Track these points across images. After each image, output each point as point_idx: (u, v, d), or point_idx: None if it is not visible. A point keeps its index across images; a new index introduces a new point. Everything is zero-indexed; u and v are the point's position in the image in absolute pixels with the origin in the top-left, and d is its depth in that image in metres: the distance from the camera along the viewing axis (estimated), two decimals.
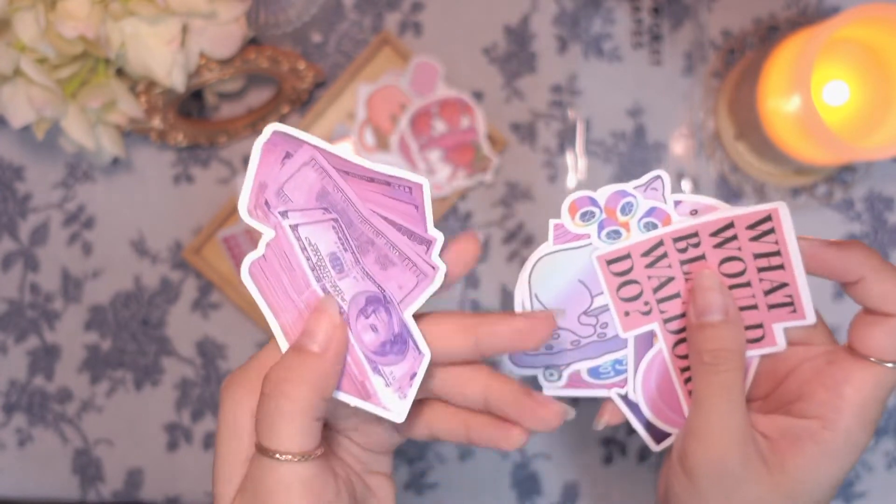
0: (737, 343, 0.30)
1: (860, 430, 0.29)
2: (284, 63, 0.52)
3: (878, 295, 0.29)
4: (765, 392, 0.32)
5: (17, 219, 0.56)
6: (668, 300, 0.31)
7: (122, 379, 0.56)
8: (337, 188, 0.27)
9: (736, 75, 0.54)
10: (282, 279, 0.28)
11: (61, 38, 0.46)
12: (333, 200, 0.27)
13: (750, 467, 0.29)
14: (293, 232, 0.28)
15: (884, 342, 0.29)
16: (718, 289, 0.30)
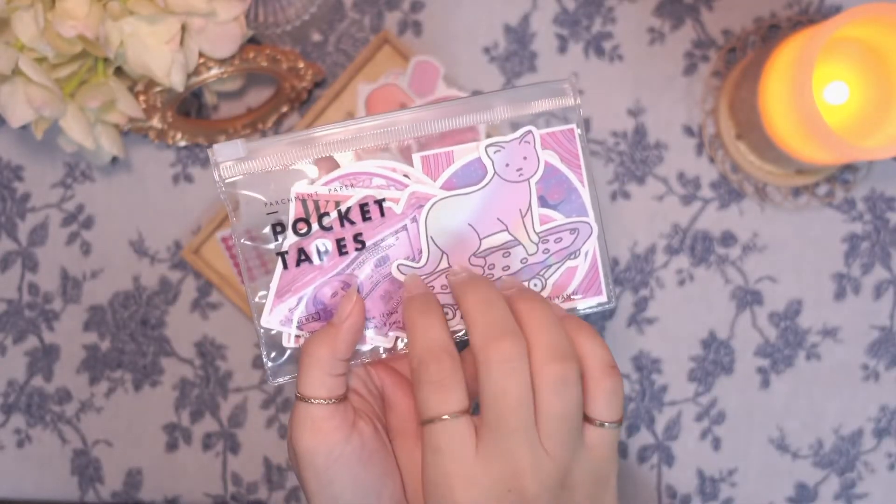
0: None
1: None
2: (284, 62, 0.52)
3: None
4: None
5: (16, 219, 0.56)
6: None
7: (120, 379, 0.56)
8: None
9: (737, 75, 0.54)
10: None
11: (60, 37, 0.46)
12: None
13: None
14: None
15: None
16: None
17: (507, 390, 0.29)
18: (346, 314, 0.33)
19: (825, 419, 0.55)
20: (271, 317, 0.34)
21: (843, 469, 0.55)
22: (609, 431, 0.32)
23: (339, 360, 0.33)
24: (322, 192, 0.33)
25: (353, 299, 0.33)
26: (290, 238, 0.33)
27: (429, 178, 0.33)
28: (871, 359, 0.55)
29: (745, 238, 0.55)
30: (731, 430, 0.55)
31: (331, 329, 0.33)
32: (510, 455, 0.29)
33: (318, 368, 0.32)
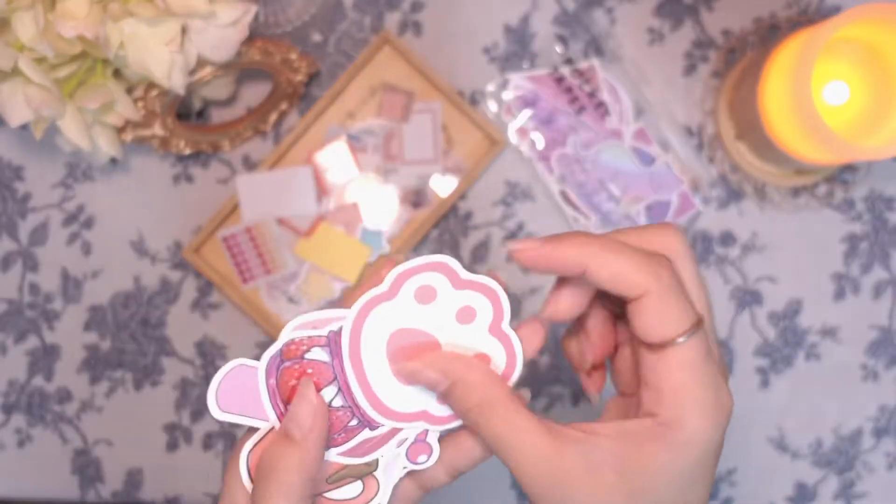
0: (491, 386, 0.29)
1: (701, 417, 0.28)
2: (276, 54, 0.52)
3: (609, 281, 0.28)
4: (633, 387, 0.32)
5: (17, 219, 0.56)
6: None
7: (121, 379, 0.56)
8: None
9: (736, 75, 0.54)
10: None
11: (60, 37, 0.46)
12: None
13: (571, 481, 0.28)
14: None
15: (651, 326, 0.28)
16: (436, 360, 0.29)
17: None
18: (309, 423, 0.29)
19: (824, 419, 0.55)
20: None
21: (843, 468, 0.55)
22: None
23: (312, 479, 0.29)
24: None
25: (312, 401, 0.29)
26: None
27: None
28: (870, 358, 0.55)
29: (745, 238, 0.55)
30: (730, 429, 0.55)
31: (294, 447, 0.28)
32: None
33: (285, 496, 0.28)
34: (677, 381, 0.27)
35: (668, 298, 0.27)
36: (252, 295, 0.55)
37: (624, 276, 0.27)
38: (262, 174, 0.54)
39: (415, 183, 0.55)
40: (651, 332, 0.28)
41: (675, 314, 0.27)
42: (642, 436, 0.28)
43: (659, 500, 0.28)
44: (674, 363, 0.27)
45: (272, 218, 0.54)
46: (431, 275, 0.30)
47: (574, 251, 0.28)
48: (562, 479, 0.28)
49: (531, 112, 0.55)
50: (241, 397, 0.30)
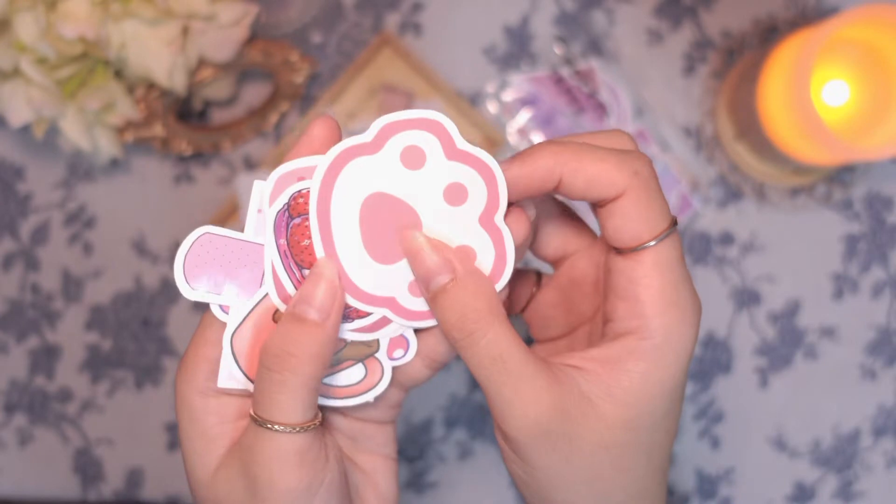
0: (480, 297, 0.26)
1: (678, 321, 0.26)
2: (277, 55, 0.52)
3: (584, 187, 0.25)
4: (564, 327, 0.30)
5: (18, 219, 0.57)
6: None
7: (122, 379, 0.56)
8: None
9: (735, 76, 0.54)
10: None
11: (61, 38, 0.46)
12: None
13: (572, 416, 0.26)
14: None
15: (627, 228, 0.26)
16: (427, 246, 0.26)
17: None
18: (329, 304, 0.26)
19: (823, 418, 0.56)
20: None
21: (841, 467, 0.56)
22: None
23: (326, 368, 0.26)
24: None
25: (332, 279, 0.26)
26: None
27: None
28: (869, 358, 0.55)
29: (744, 238, 0.55)
30: (729, 429, 0.56)
31: (313, 330, 0.25)
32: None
33: (302, 384, 0.25)
34: (654, 286, 0.26)
35: (647, 196, 0.26)
36: None
37: (602, 178, 0.25)
38: (262, 174, 0.54)
39: None
40: (626, 235, 0.26)
41: (651, 215, 0.26)
42: (628, 358, 0.26)
43: (654, 423, 0.26)
44: (649, 267, 0.26)
45: None
46: (423, 135, 0.25)
47: (547, 161, 0.25)
48: (563, 415, 0.26)
49: (531, 113, 0.55)
50: (219, 272, 0.26)
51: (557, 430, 0.25)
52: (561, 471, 0.26)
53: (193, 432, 0.27)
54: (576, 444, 0.26)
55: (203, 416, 0.27)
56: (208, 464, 0.27)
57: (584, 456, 0.26)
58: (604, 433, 0.26)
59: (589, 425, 0.26)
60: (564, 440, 0.26)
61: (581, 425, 0.26)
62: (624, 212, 0.25)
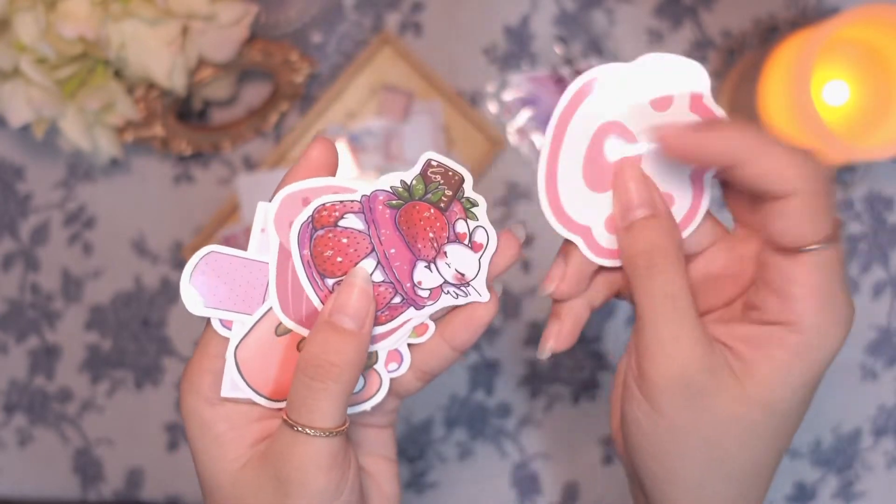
0: (669, 238, 0.27)
1: (830, 324, 0.26)
2: (277, 55, 0.52)
3: (765, 175, 0.26)
4: (711, 304, 0.30)
5: (18, 219, 0.57)
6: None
7: (122, 379, 0.56)
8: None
9: (736, 76, 0.54)
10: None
11: (61, 38, 0.46)
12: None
13: (716, 379, 0.26)
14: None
15: (794, 230, 0.26)
16: (639, 179, 0.28)
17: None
18: (364, 312, 0.27)
19: (823, 418, 0.55)
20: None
21: (842, 468, 0.56)
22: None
23: (359, 375, 0.27)
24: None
25: (366, 290, 0.27)
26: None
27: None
28: (869, 358, 0.55)
29: None
30: None
31: (351, 339, 0.26)
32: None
33: (343, 391, 0.26)
34: (812, 286, 0.26)
35: (814, 202, 0.25)
36: None
37: (777, 173, 0.25)
38: (262, 174, 0.54)
39: None
40: (791, 235, 0.26)
41: (820, 218, 0.26)
42: (775, 346, 0.26)
43: (787, 412, 0.27)
44: (810, 269, 0.26)
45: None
46: (681, 88, 0.27)
47: (730, 141, 0.26)
48: (711, 373, 0.26)
49: (531, 112, 0.55)
50: (225, 289, 0.27)
51: (700, 384, 0.26)
52: (687, 425, 0.27)
53: (205, 439, 0.28)
54: (711, 404, 0.26)
55: (213, 424, 0.28)
56: (225, 468, 0.28)
57: (715, 418, 0.26)
58: (739, 406, 0.26)
59: (729, 393, 0.26)
60: (703, 396, 0.26)
61: (722, 389, 0.26)
62: (794, 213, 0.26)
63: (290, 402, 0.27)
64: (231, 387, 0.28)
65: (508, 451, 0.55)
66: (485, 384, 0.55)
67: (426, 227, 0.28)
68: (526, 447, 0.55)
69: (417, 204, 0.28)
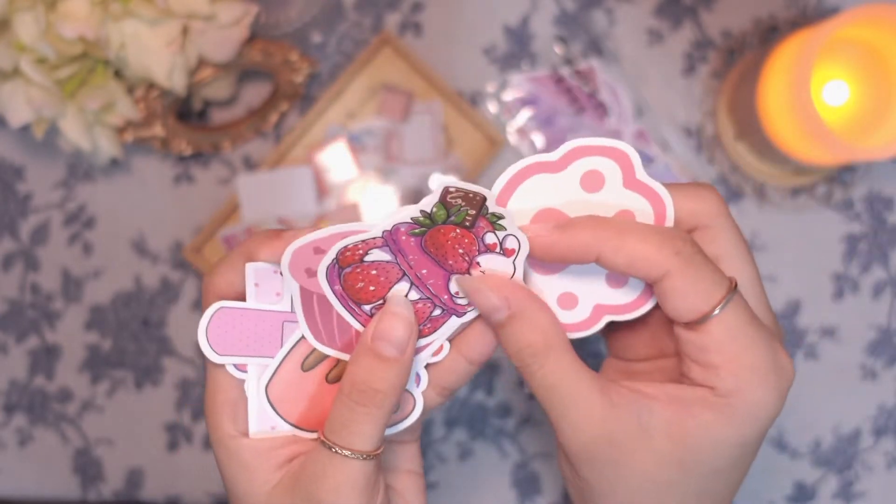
0: (536, 332, 0.27)
1: (755, 387, 0.26)
2: (277, 55, 0.52)
3: (625, 265, 0.26)
4: (644, 356, 0.30)
5: (18, 219, 0.57)
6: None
7: (122, 379, 0.56)
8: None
9: (736, 76, 0.54)
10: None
11: (61, 38, 0.46)
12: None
13: (621, 446, 0.26)
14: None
15: (683, 306, 0.26)
16: (486, 286, 0.27)
17: None
18: (405, 338, 0.27)
19: (823, 418, 0.55)
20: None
21: (842, 468, 0.56)
22: None
23: (400, 399, 0.28)
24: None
25: (405, 315, 0.28)
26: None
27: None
28: (870, 358, 0.55)
29: None
30: None
31: (393, 365, 0.27)
32: None
33: (385, 416, 0.27)
34: (729, 353, 0.26)
35: (692, 273, 0.25)
36: None
37: (641, 260, 0.26)
38: (262, 174, 0.54)
39: (415, 183, 0.55)
40: (683, 311, 0.26)
41: (704, 287, 0.25)
42: (698, 405, 0.26)
43: (713, 472, 0.27)
44: (718, 336, 0.26)
45: (273, 218, 0.55)
46: (607, 161, 0.27)
47: (586, 235, 0.26)
48: (612, 442, 0.26)
49: (531, 113, 0.55)
50: (238, 337, 0.29)
51: (604, 456, 0.27)
52: (604, 488, 0.27)
53: (233, 467, 0.29)
54: (622, 471, 0.27)
55: (239, 453, 0.29)
56: (255, 491, 0.29)
57: (628, 484, 0.27)
58: (652, 468, 0.26)
59: (639, 456, 0.26)
60: (610, 466, 0.27)
61: (630, 455, 0.26)
62: (675, 291, 0.26)
63: (330, 424, 0.27)
64: (260, 421, 0.29)
65: (508, 451, 0.55)
66: (485, 384, 0.55)
67: (455, 245, 0.28)
68: (526, 447, 0.55)
69: (442, 227, 0.28)
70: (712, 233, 0.27)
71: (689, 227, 0.28)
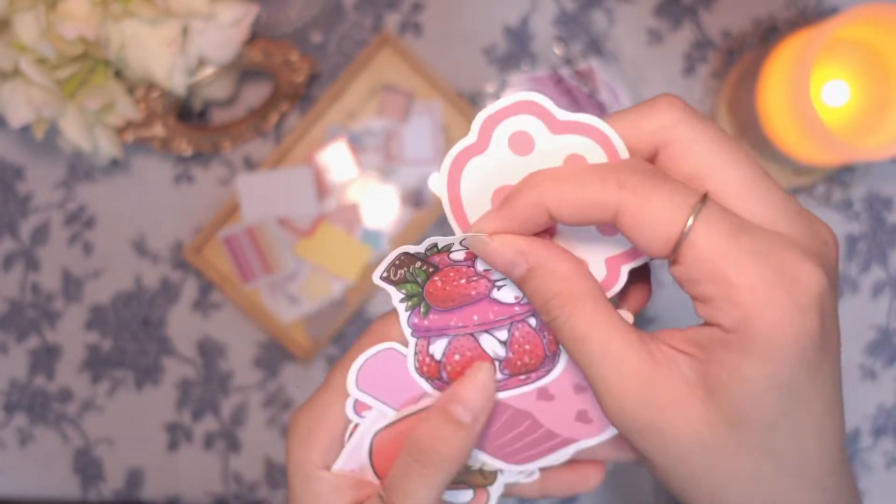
0: (560, 282, 0.24)
1: (763, 309, 0.21)
2: (277, 55, 0.52)
3: (576, 216, 0.23)
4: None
5: (18, 219, 0.57)
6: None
7: (122, 378, 0.56)
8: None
9: (735, 76, 0.54)
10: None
11: (61, 38, 0.46)
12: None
13: (662, 407, 0.23)
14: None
15: (649, 237, 0.22)
16: (496, 244, 0.25)
17: None
18: (481, 407, 0.27)
19: None
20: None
21: None
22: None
23: (461, 468, 0.27)
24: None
25: (486, 384, 0.27)
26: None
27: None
28: (869, 358, 0.55)
29: None
30: None
31: (462, 432, 0.26)
32: None
33: (441, 481, 0.26)
34: (718, 277, 0.21)
35: (644, 201, 0.22)
36: (253, 295, 0.55)
37: (585, 206, 0.23)
38: (262, 174, 0.54)
39: (415, 183, 0.55)
40: (653, 245, 0.22)
41: (664, 211, 0.22)
42: (717, 347, 0.22)
43: (763, 425, 0.22)
44: (700, 260, 0.21)
45: (273, 218, 0.55)
46: (523, 118, 0.25)
47: (529, 201, 0.23)
48: (654, 403, 0.23)
49: None
50: (383, 380, 0.28)
51: (646, 421, 0.23)
52: (663, 463, 0.24)
53: (307, 496, 0.28)
54: (669, 438, 0.23)
55: (318, 484, 0.28)
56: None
57: (680, 451, 0.23)
58: (702, 430, 0.22)
59: (685, 418, 0.23)
60: (656, 434, 0.23)
61: (676, 418, 0.23)
62: (635, 226, 0.22)
63: (390, 479, 0.27)
64: (347, 460, 0.29)
65: None
66: None
67: (457, 280, 0.27)
68: None
69: (428, 285, 0.27)
70: (680, 147, 0.23)
71: (652, 151, 0.24)
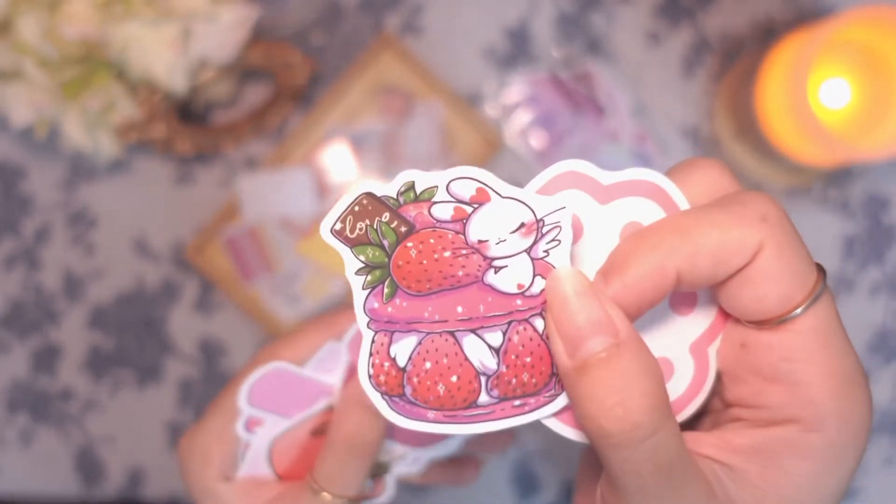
0: (650, 378, 0.19)
1: (854, 407, 0.19)
2: (278, 57, 0.52)
3: (712, 269, 0.19)
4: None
5: (20, 219, 0.57)
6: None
7: (124, 378, 0.57)
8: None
9: (734, 77, 0.54)
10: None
11: (63, 39, 0.46)
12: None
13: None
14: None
15: (774, 292, 0.19)
16: (584, 293, 0.19)
17: None
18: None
19: None
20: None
21: None
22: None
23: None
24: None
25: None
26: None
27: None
28: (866, 358, 0.55)
29: None
30: None
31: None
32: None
33: (371, 464, 0.29)
34: (822, 363, 0.19)
35: (788, 242, 0.19)
36: (254, 294, 0.55)
37: (730, 251, 0.18)
38: (263, 175, 0.54)
39: None
40: (775, 299, 0.19)
41: (801, 262, 0.19)
42: (790, 452, 0.19)
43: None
44: (809, 337, 0.19)
45: (274, 218, 0.55)
46: (565, 195, 0.20)
47: (649, 261, 0.19)
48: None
49: (530, 114, 0.55)
50: (275, 395, 0.30)
51: None
52: None
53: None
54: None
55: (225, 494, 0.30)
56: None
57: None
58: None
59: None
60: None
61: None
62: (766, 272, 0.19)
63: (321, 474, 0.28)
64: (249, 467, 0.30)
65: (508, 450, 0.55)
66: None
67: (437, 254, 0.21)
68: (525, 445, 0.55)
69: (398, 250, 0.21)
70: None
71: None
